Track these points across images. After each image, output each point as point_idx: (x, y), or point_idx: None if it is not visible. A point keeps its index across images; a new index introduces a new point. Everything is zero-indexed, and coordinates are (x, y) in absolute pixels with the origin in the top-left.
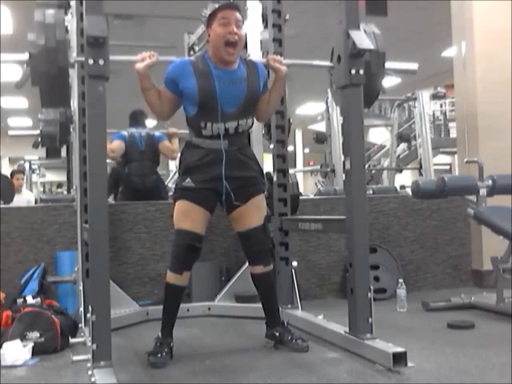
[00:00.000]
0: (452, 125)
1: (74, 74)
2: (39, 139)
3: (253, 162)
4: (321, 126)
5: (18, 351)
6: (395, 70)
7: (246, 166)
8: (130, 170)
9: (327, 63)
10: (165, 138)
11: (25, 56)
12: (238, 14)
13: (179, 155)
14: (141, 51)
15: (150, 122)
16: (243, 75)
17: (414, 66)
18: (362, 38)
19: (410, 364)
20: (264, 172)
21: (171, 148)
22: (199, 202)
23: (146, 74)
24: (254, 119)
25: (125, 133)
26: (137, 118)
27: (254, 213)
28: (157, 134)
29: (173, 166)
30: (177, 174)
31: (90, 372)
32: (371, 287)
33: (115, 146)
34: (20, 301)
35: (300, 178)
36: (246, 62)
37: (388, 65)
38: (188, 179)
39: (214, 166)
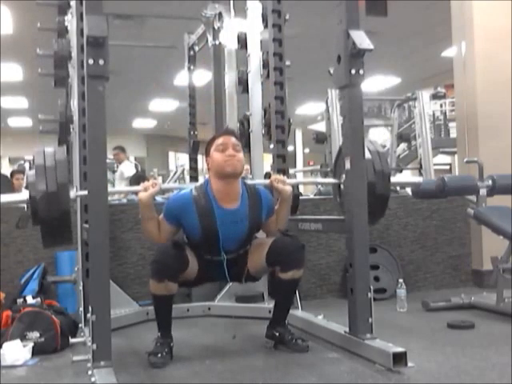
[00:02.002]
0: (452, 125)
1: (74, 74)
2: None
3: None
4: (321, 126)
5: (18, 351)
6: (400, 184)
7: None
8: None
9: (332, 180)
10: None
11: (26, 195)
12: (234, 139)
13: None
14: (141, 50)
15: None
16: (245, 212)
17: (418, 179)
18: (362, 38)
19: (410, 364)
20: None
21: None
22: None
23: (150, 203)
24: None
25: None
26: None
27: (258, 247)
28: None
29: (173, 166)
30: (176, 175)
31: (89, 372)
32: (371, 287)
33: None
34: (20, 301)
35: (300, 178)
36: (250, 192)
37: (393, 180)
38: (185, 237)
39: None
